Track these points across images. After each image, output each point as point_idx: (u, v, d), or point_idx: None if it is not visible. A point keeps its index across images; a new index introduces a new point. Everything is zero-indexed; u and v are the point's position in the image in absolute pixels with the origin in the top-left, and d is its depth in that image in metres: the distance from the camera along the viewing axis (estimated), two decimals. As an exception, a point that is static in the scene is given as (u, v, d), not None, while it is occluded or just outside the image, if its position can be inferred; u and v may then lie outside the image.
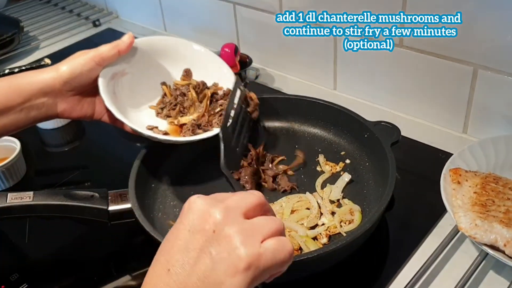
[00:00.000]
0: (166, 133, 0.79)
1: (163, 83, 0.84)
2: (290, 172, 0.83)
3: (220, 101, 0.82)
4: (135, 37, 0.79)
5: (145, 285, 0.44)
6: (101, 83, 0.72)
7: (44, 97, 0.70)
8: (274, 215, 0.49)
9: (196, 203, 0.46)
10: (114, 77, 0.76)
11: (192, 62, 0.85)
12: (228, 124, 0.74)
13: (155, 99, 0.84)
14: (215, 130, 0.78)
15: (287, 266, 0.47)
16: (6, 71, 1.19)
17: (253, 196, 0.48)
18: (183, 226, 0.45)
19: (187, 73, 0.85)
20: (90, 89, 0.73)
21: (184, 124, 0.80)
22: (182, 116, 0.82)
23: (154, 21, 1.43)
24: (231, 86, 0.82)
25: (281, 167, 0.84)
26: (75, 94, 0.73)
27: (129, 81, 0.80)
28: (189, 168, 0.85)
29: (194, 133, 0.78)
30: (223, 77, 0.85)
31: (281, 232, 0.46)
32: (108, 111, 0.74)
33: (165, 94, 0.84)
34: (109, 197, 0.71)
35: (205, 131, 0.78)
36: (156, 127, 0.79)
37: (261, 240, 0.44)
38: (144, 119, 0.80)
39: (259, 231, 0.44)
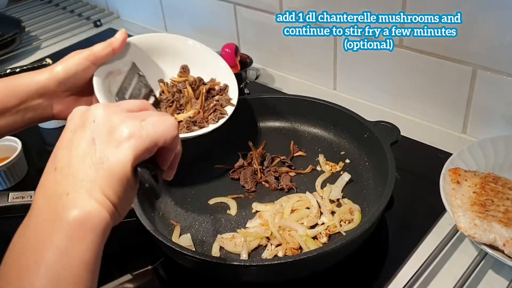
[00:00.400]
0: None
1: (161, 80, 0.84)
2: (292, 173, 0.84)
3: (217, 97, 0.82)
4: (130, 35, 0.79)
5: (37, 190, 0.45)
6: (95, 82, 0.72)
7: (39, 99, 0.70)
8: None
9: (78, 109, 0.48)
10: (109, 75, 0.76)
11: (188, 58, 0.85)
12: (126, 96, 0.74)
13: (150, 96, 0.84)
14: (211, 127, 0.78)
15: (174, 141, 0.47)
16: (8, 71, 1.19)
17: (136, 100, 0.51)
18: (67, 129, 0.47)
19: (184, 69, 0.84)
20: (85, 89, 0.73)
21: (181, 121, 0.80)
22: (179, 113, 0.82)
23: (155, 21, 1.44)
24: (228, 80, 0.82)
25: (283, 168, 0.84)
26: (70, 95, 0.73)
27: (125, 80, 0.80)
28: (189, 167, 0.85)
29: (189, 130, 0.78)
30: (220, 71, 0.85)
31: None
32: None
33: (162, 91, 0.84)
34: (110, 197, 0.71)
35: (200, 127, 0.78)
36: None
37: (142, 120, 0.45)
38: None
39: (140, 116, 0.46)
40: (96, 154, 0.43)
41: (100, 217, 0.42)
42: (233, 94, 0.82)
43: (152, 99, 0.80)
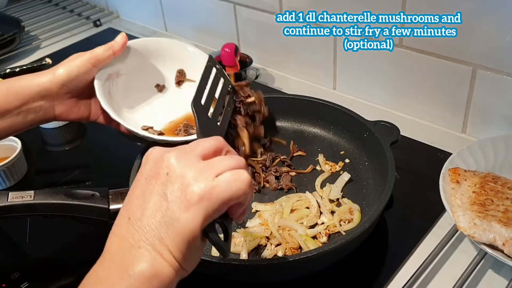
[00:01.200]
0: (161, 133, 0.79)
1: (157, 85, 0.85)
2: (292, 173, 0.84)
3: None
4: (129, 38, 0.80)
5: (111, 235, 0.45)
6: (97, 84, 0.73)
7: (41, 100, 0.70)
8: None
9: (152, 152, 0.47)
10: (109, 78, 0.76)
11: (185, 62, 0.85)
12: (203, 101, 0.73)
13: (150, 100, 0.85)
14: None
15: (246, 197, 0.46)
16: (7, 71, 1.19)
17: (211, 140, 0.48)
18: (141, 176, 0.46)
19: (181, 74, 0.85)
20: (86, 91, 0.74)
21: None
22: None
23: (154, 21, 1.44)
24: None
25: (284, 168, 0.84)
26: (71, 97, 0.73)
27: (124, 82, 0.80)
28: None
29: (187, 133, 0.78)
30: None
31: (240, 168, 0.46)
32: (103, 112, 0.74)
33: None
34: (110, 196, 0.71)
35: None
36: (151, 127, 0.79)
37: (216, 175, 0.44)
38: (139, 119, 0.81)
39: (214, 168, 0.44)
40: (167, 213, 0.43)
41: (167, 275, 0.42)
42: None
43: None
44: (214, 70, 0.75)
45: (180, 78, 0.85)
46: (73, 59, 0.72)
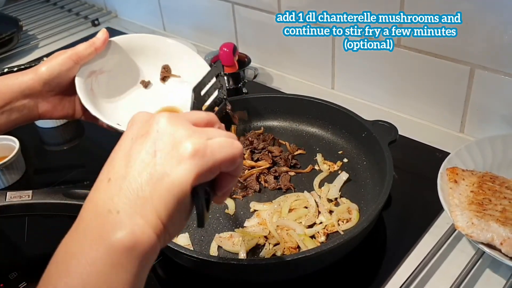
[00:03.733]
0: None
1: (142, 81, 0.85)
2: (292, 173, 0.84)
3: None
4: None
5: (86, 201, 0.41)
6: (78, 81, 0.72)
7: (24, 99, 0.70)
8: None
9: (140, 115, 0.44)
10: (92, 75, 0.76)
11: (170, 58, 0.85)
12: (202, 92, 0.73)
13: (134, 96, 0.84)
14: None
15: (238, 167, 0.44)
16: (5, 70, 1.19)
17: (204, 113, 0.46)
18: (126, 137, 0.43)
19: (166, 69, 0.85)
20: (69, 89, 0.73)
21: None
22: None
23: (153, 20, 1.44)
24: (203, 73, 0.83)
25: (283, 168, 0.84)
26: (55, 94, 0.73)
27: (107, 79, 0.80)
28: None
29: None
30: (199, 69, 0.85)
31: (232, 138, 0.44)
32: (87, 109, 0.74)
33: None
34: (108, 196, 0.71)
35: None
36: None
37: (208, 138, 0.42)
38: (123, 115, 0.80)
39: (206, 132, 0.43)
40: (157, 169, 0.40)
41: (149, 242, 0.38)
42: None
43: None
44: (218, 75, 0.76)
45: (165, 74, 0.85)
46: (55, 57, 0.72)
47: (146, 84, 0.85)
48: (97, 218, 0.39)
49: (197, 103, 0.68)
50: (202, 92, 0.71)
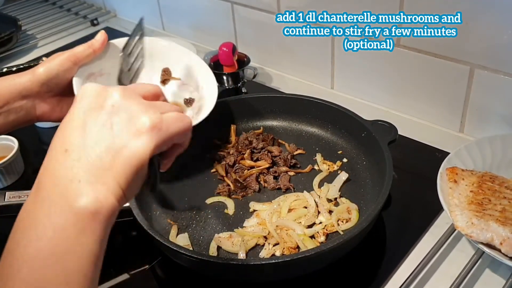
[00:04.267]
0: None
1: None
2: (291, 173, 0.83)
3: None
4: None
5: (43, 170, 0.43)
6: (75, 82, 0.72)
7: (22, 100, 0.70)
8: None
9: (90, 88, 0.46)
10: (90, 76, 0.76)
11: (170, 60, 0.85)
12: (128, 52, 0.71)
13: None
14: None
15: (187, 139, 0.49)
16: (4, 70, 1.18)
17: (150, 85, 0.49)
18: (77, 109, 0.44)
19: (166, 72, 0.85)
20: (68, 90, 0.73)
21: None
22: None
23: (152, 20, 1.43)
24: (206, 76, 0.83)
25: (283, 168, 0.84)
26: (53, 96, 0.72)
27: (106, 81, 0.79)
28: (186, 167, 0.85)
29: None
30: (198, 70, 0.85)
31: (181, 113, 0.48)
32: None
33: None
34: (107, 196, 0.71)
35: None
36: None
37: (161, 113, 0.45)
38: None
39: (158, 107, 0.46)
40: (115, 141, 0.42)
41: (112, 207, 0.41)
42: (212, 89, 0.82)
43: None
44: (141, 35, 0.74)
45: (166, 77, 0.85)
46: (53, 58, 0.71)
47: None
48: (58, 187, 0.41)
49: (125, 65, 0.67)
50: (128, 51, 0.69)
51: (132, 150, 0.42)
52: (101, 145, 0.42)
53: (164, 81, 0.85)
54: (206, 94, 0.82)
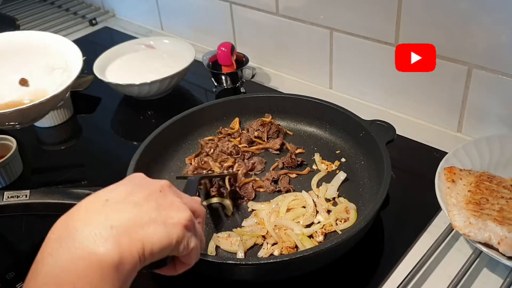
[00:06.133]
0: None
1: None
2: (293, 175, 0.83)
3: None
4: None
5: (79, 208, 0.43)
6: None
7: None
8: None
9: (136, 175, 0.49)
10: None
11: (50, 54, 0.85)
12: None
13: (10, 95, 0.85)
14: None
15: (191, 264, 0.52)
16: (2, 70, 1.18)
17: (199, 205, 0.52)
18: (124, 185, 0.46)
19: (24, 82, 0.86)
20: None
21: None
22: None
23: (150, 19, 1.43)
24: (69, 49, 0.85)
25: (282, 170, 0.84)
26: None
27: None
28: (185, 167, 0.85)
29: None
30: (72, 56, 0.86)
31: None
32: None
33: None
34: (106, 196, 0.71)
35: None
36: None
37: (193, 234, 0.48)
38: None
39: (195, 228, 0.49)
40: (158, 213, 0.44)
41: (133, 262, 0.41)
42: (76, 60, 0.83)
43: None
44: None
45: (23, 84, 0.86)
46: None
47: (24, 82, 0.85)
48: (82, 233, 0.40)
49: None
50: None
51: (168, 229, 0.43)
52: (141, 209, 0.43)
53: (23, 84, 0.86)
54: (72, 66, 0.83)
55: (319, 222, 0.73)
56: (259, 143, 0.89)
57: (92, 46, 1.35)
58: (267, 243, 0.70)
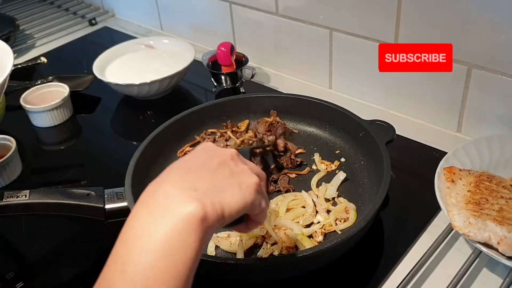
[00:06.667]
0: None
1: None
2: (293, 175, 0.83)
3: None
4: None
5: (167, 174, 0.48)
6: None
7: None
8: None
9: (207, 145, 0.53)
10: None
11: None
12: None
13: None
14: None
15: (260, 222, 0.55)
16: (2, 70, 1.18)
17: (262, 173, 0.56)
18: (200, 156, 0.51)
19: None
20: None
21: None
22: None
23: (150, 19, 1.43)
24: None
25: (282, 171, 0.84)
26: None
27: None
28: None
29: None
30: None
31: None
32: None
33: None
34: (106, 196, 0.71)
35: None
36: None
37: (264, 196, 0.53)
38: None
39: (264, 193, 0.53)
40: (234, 178, 0.49)
41: (215, 219, 0.45)
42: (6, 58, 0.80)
43: None
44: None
45: None
46: None
47: None
48: (171, 197, 0.45)
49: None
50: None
51: (242, 191, 0.48)
52: (218, 175, 0.48)
53: None
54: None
55: (318, 222, 0.73)
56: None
57: (92, 46, 1.36)
58: (267, 243, 0.70)
